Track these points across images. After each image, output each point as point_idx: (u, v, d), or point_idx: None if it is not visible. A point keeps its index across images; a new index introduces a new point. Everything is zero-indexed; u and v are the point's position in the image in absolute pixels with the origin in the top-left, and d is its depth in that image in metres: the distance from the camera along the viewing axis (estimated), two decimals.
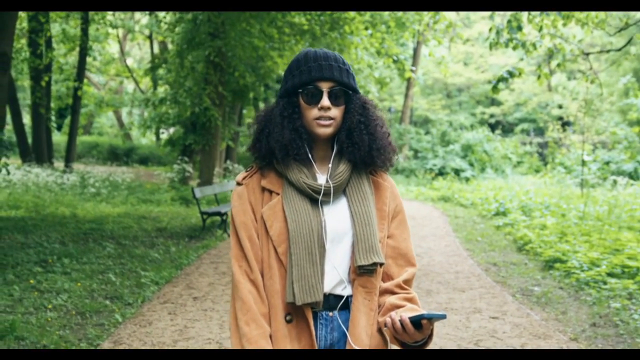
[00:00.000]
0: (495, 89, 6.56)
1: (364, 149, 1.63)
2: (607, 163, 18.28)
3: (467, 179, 20.78)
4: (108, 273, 6.31)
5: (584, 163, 15.23)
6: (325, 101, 1.61)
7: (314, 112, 1.63)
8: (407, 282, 1.66)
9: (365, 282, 1.61)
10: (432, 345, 3.44)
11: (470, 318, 5.03)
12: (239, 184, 1.70)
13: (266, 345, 1.55)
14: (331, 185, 1.62)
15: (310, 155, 1.66)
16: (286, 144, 1.61)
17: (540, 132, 28.13)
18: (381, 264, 1.61)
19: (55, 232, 8.42)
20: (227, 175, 18.07)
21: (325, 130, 1.63)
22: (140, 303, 5.36)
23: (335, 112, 1.63)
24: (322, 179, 1.66)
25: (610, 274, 6.34)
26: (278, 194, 1.64)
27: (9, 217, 9.56)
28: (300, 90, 1.64)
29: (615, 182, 14.82)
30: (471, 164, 22.13)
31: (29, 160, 15.81)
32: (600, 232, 8.45)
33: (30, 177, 13.38)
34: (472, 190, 16.73)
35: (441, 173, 21.88)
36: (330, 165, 1.67)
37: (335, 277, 1.61)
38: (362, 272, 1.60)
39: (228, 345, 4.31)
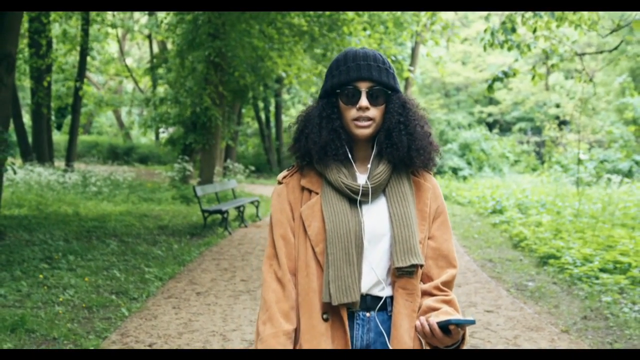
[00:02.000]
0: (490, 88, 6.72)
1: (402, 149, 1.61)
2: (603, 162, 18.47)
3: (465, 178, 20.96)
4: (113, 269, 6.46)
5: (579, 162, 15.41)
6: (363, 101, 1.59)
7: (353, 113, 1.60)
8: (446, 283, 1.64)
9: (406, 284, 1.59)
10: None
11: (466, 312, 5.19)
12: (279, 182, 1.71)
13: (276, 345, 1.54)
14: (369, 186, 1.61)
15: (350, 156, 1.64)
16: (323, 145, 1.60)
17: (537, 131, 28.32)
18: (421, 266, 1.59)
19: (59, 230, 8.57)
20: (227, 174, 18.22)
21: (363, 131, 1.61)
22: (145, 298, 5.51)
23: (375, 112, 1.61)
24: (361, 179, 1.65)
25: (602, 270, 6.51)
26: (317, 193, 1.64)
27: (13, 216, 9.70)
28: (339, 91, 1.62)
29: (609, 180, 15.02)
30: (469, 163, 22.32)
31: (30, 159, 15.94)
32: (593, 229, 8.62)
33: (33, 176, 13.52)
34: (469, 188, 16.91)
35: (439, 172, 22.04)
36: (369, 166, 1.65)
37: (372, 278, 1.60)
38: (400, 273, 1.58)
39: (231, 337, 4.46)
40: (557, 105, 27.79)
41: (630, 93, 17.81)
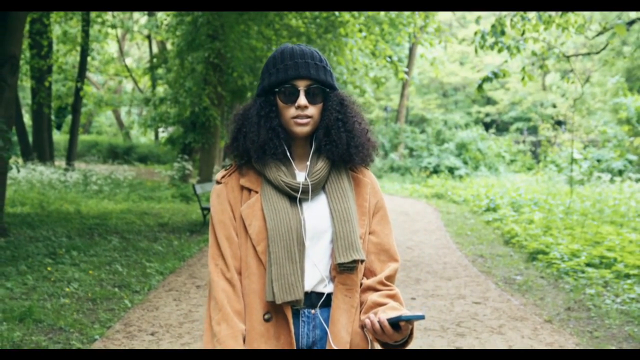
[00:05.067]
0: (480, 88, 6.94)
1: (342, 146, 1.62)
2: (599, 161, 18.73)
3: (461, 177, 21.20)
4: (115, 264, 6.67)
5: (573, 161, 15.66)
6: (302, 100, 1.59)
7: (291, 111, 1.61)
8: (390, 278, 1.65)
9: (345, 280, 1.60)
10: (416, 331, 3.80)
11: (454, 303, 5.41)
12: (218, 182, 1.69)
13: (234, 345, 1.54)
14: (309, 183, 1.61)
15: (289, 154, 1.65)
16: (262, 144, 1.61)
17: (533, 130, 28.57)
18: (361, 261, 1.60)
19: (62, 227, 8.78)
20: None
21: (302, 129, 1.62)
22: (147, 291, 5.73)
23: (313, 110, 1.61)
24: (301, 176, 1.65)
25: (588, 264, 6.74)
26: (257, 192, 1.63)
27: (16, 214, 9.91)
28: (277, 90, 1.63)
29: (599, 178, 15.29)
30: (465, 162, 22.56)
31: (31, 159, 16.14)
32: (582, 226, 8.85)
33: (35, 175, 13.74)
34: (464, 187, 17.14)
35: (436, 171, 22.30)
36: (308, 163, 1.65)
37: (316, 275, 1.60)
38: (342, 269, 1.59)
39: None
40: (554, 106, 28.04)
41: (624, 93, 18.07)
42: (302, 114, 1.61)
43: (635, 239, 7.58)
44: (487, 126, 30.03)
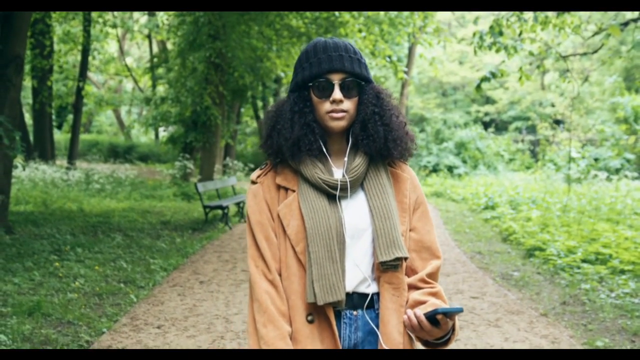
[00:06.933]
0: (478, 88, 7.07)
1: (379, 140, 1.58)
2: (597, 160, 18.87)
3: (460, 176, 21.34)
4: (119, 261, 6.79)
5: (571, 159, 15.80)
6: (337, 94, 1.55)
7: (326, 106, 1.57)
8: (432, 275, 1.60)
9: (391, 278, 1.56)
10: None
11: (453, 298, 5.54)
12: (253, 182, 1.65)
13: (284, 346, 1.50)
14: (347, 180, 1.56)
15: (325, 150, 1.60)
16: (296, 140, 1.57)
17: (532, 129, 28.71)
18: (405, 259, 1.56)
19: (65, 225, 8.90)
20: (226, 172, 18.57)
21: (338, 123, 1.57)
22: (152, 286, 5.85)
23: (348, 104, 1.57)
24: (338, 173, 1.61)
25: (584, 260, 6.87)
26: (294, 191, 1.59)
27: (19, 212, 10.03)
28: (311, 84, 1.58)
29: (596, 176, 15.44)
30: (464, 161, 22.70)
31: (32, 158, 16.25)
32: (579, 223, 8.98)
33: (37, 174, 13.86)
34: (463, 186, 17.28)
35: (435, 170, 22.43)
36: (346, 159, 1.61)
37: (357, 274, 1.56)
38: (385, 268, 1.54)
39: (233, 320, 4.80)
40: (552, 105, 28.16)
41: (621, 93, 18.21)
42: (337, 108, 1.56)
43: (630, 236, 7.71)
44: (486, 125, 30.14)
